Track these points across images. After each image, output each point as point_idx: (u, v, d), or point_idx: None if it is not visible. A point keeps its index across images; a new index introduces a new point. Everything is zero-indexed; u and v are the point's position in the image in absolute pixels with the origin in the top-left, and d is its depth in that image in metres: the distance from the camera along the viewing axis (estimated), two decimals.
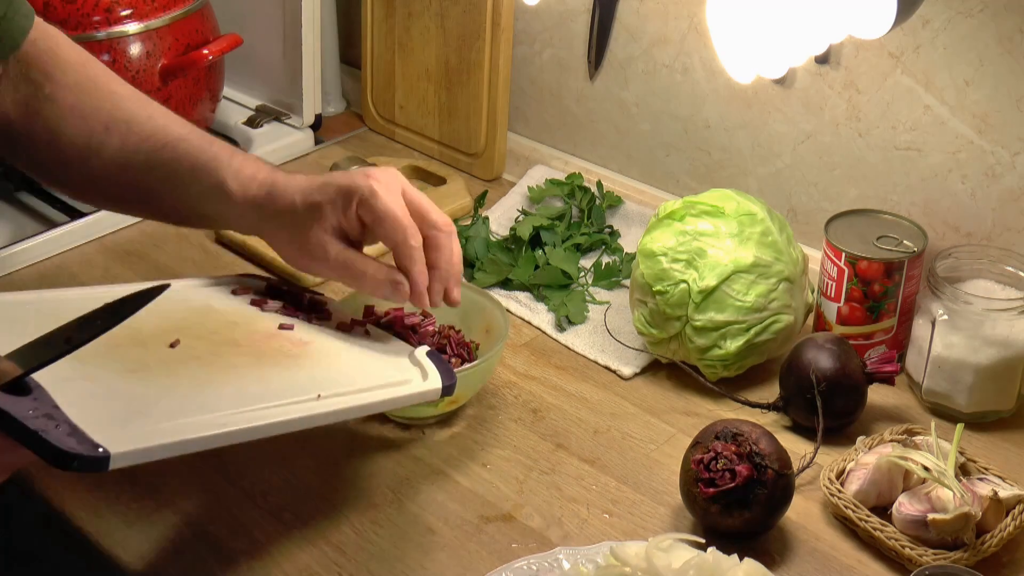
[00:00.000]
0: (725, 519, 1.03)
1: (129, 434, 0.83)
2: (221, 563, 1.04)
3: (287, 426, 0.94)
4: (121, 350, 0.96)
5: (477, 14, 1.56)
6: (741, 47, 1.13)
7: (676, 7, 1.42)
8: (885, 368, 1.17)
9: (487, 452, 1.16)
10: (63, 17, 1.47)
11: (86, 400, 0.84)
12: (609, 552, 0.98)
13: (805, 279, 1.25)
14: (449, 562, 1.04)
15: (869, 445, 1.12)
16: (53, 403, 0.82)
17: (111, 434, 0.81)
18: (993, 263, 1.21)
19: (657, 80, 1.47)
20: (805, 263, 1.25)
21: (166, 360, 0.97)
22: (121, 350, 0.96)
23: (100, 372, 0.91)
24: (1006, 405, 1.19)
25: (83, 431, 0.80)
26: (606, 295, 1.39)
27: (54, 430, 0.79)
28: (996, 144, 1.22)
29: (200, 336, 1.02)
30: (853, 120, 1.32)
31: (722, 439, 1.04)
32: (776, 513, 1.05)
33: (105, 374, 0.91)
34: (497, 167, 1.63)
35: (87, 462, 0.79)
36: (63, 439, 0.78)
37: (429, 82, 1.65)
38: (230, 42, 1.59)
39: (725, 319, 1.19)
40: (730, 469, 1.02)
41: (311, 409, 0.95)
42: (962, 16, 1.20)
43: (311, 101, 1.70)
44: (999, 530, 1.03)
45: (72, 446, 0.78)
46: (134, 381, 0.92)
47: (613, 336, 1.30)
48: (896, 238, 1.22)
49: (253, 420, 0.91)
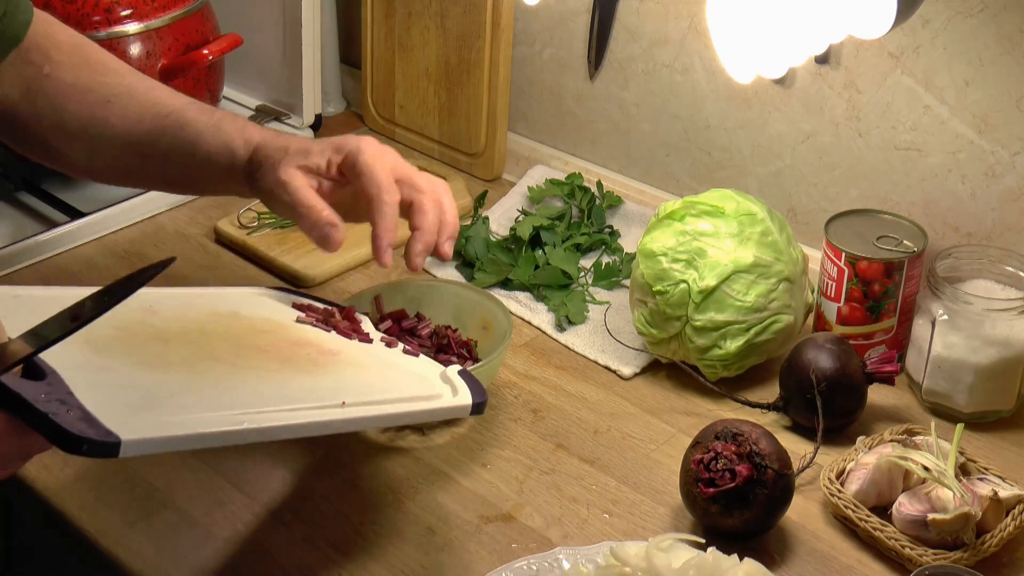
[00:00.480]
0: (725, 519, 1.03)
1: (142, 424, 0.82)
2: (221, 563, 1.04)
3: (310, 429, 0.93)
4: (141, 345, 0.95)
5: (477, 14, 1.56)
6: (741, 47, 1.13)
7: (676, 7, 1.42)
8: (885, 368, 1.17)
9: (487, 452, 1.16)
10: (63, 17, 1.46)
11: (101, 389, 0.84)
12: (609, 552, 0.98)
13: (805, 279, 1.25)
14: (449, 562, 1.04)
15: (869, 445, 1.12)
16: (67, 389, 0.82)
17: (124, 422, 0.80)
18: (993, 263, 1.21)
19: (657, 80, 1.47)
20: (805, 263, 1.25)
21: (187, 358, 0.96)
22: (141, 345, 0.95)
23: (117, 364, 0.91)
24: (1006, 405, 1.19)
25: (95, 417, 0.79)
26: (606, 295, 1.39)
27: (66, 414, 0.79)
28: (996, 144, 1.22)
29: (225, 338, 1.02)
30: (853, 120, 1.32)
31: (722, 439, 1.04)
32: (776, 513, 1.05)
33: (122, 366, 0.91)
34: (497, 167, 1.63)
35: (97, 447, 0.78)
36: (74, 423, 0.78)
37: (429, 82, 1.65)
38: (230, 42, 1.59)
39: (725, 319, 1.19)
40: (730, 469, 1.02)
41: (333, 415, 0.93)
42: (962, 16, 1.20)
43: (311, 101, 1.70)
44: (999, 530, 1.03)
45: (83, 430, 0.78)
46: (151, 374, 0.92)
47: (613, 336, 1.30)
48: (896, 238, 1.22)
49: (271, 421, 0.90)
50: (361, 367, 1.05)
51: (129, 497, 1.11)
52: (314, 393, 0.96)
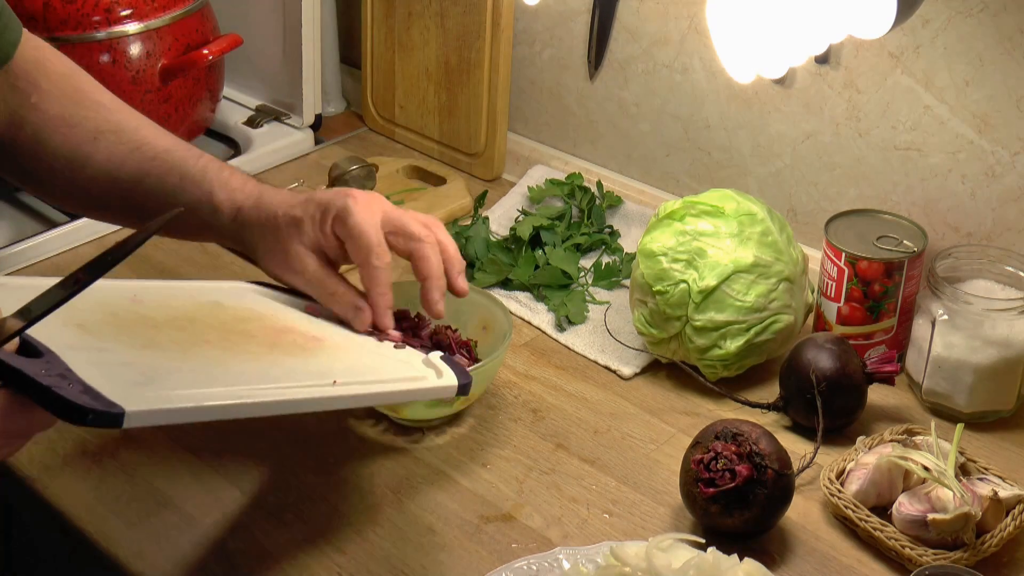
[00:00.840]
0: (725, 519, 1.03)
1: (143, 396, 0.83)
2: (221, 563, 1.04)
3: (305, 405, 0.94)
4: (132, 329, 0.96)
5: (477, 14, 1.56)
6: (741, 47, 1.13)
7: (676, 7, 1.42)
8: (885, 368, 1.17)
9: (487, 452, 1.16)
10: (63, 17, 1.47)
11: (98, 367, 0.84)
12: (609, 552, 0.98)
13: (805, 279, 1.25)
14: (449, 562, 1.04)
15: (869, 445, 1.12)
16: (66, 366, 0.82)
17: (125, 395, 0.81)
18: (993, 263, 1.21)
19: (657, 80, 1.47)
20: (805, 263, 1.25)
21: (178, 341, 0.97)
22: (132, 329, 0.96)
23: (111, 345, 0.91)
24: (1006, 405, 1.19)
25: (97, 390, 0.80)
26: (606, 295, 1.39)
27: (68, 387, 0.79)
28: (996, 144, 1.22)
29: (212, 325, 1.02)
30: (853, 120, 1.32)
31: (722, 439, 1.04)
32: (776, 513, 1.05)
33: (116, 346, 0.91)
34: (497, 167, 1.63)
35: (102, 417, 0.78)
36: (78, 396, 0.79)
37: (429, 82, 1.65)
38: (230, 42, 1.59)
39: (725, 319, 1.19)
40: (730, 469, 1.02)
41: (329, 392, 0.95)
42: (962, 16, 1.20)
43: (311, 101, 1.70)
44: (999, 530, 1.03)
45: (87, 402, 0.78)
46: (146, 354, 0.92)
47: (613, 336, 1.30)
48: (896, 238, 1.22)
49: (272, 396, 0.91)
50: (347, 351, 1.07)
51: (129, 497, 1.10)
52: (307, 374, 0.98)
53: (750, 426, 1.05)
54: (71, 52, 1.47)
